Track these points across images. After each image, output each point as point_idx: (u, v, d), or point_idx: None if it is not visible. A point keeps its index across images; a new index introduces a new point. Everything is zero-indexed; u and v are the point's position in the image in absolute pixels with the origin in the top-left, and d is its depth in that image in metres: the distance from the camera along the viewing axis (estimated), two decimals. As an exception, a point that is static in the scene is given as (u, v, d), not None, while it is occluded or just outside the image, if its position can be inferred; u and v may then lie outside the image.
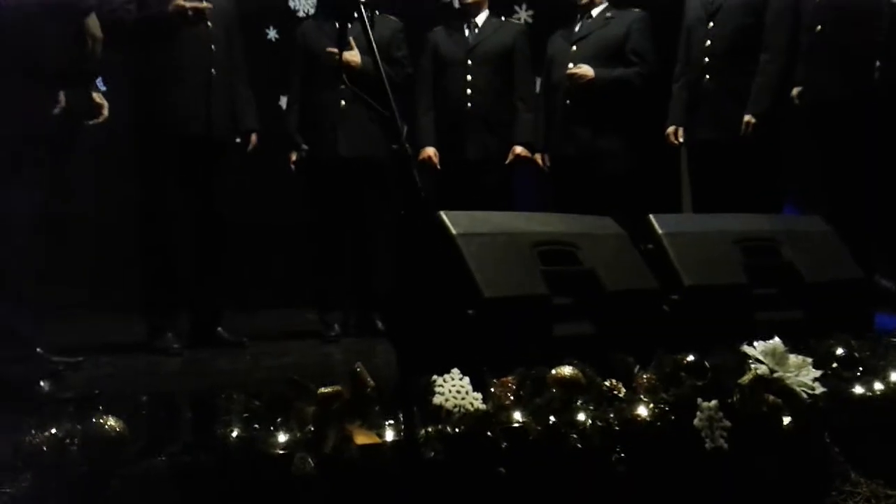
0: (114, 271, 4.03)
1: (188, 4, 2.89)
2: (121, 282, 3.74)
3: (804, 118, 3.23)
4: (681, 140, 3.55)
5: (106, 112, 2.72)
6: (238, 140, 3.31)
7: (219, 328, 3.21)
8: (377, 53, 1.51)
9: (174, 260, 3.09)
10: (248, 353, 3.11)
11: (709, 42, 3.39)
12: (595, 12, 3.72)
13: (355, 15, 1.62)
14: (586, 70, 3.56)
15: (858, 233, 2.96)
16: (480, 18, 3.77)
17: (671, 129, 3.56)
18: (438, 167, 3.70)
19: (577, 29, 3.73)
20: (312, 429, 1.50)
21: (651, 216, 2.37)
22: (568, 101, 3.65)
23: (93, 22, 2.25)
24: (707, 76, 3.39)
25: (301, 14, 4.95)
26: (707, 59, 3.39)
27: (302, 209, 3.70)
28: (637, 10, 3.73)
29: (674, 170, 4.21)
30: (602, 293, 2.12)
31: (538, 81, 3.99)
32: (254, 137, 3.32)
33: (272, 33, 4.90)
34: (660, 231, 2.33)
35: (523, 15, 5.42)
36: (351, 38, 3.17)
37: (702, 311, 2.22)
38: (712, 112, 3.39)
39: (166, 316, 3.05)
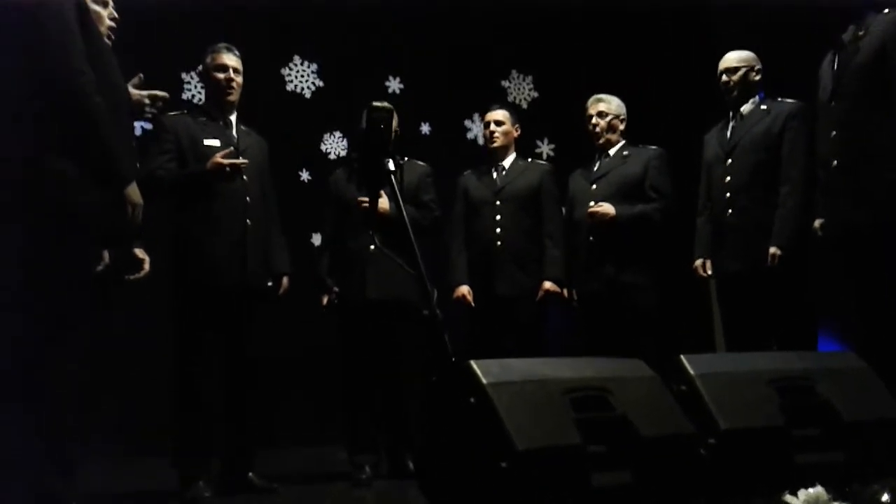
0: (146, 418, 4.06)
1: (226, 161, 3.03)
2: (153, 429, 3.75)
3: (830, 248, 3.24)
4: (709, 272, 3.58)
5: (147, 267, 2.82)
6: (270, 283, 3.39)
7: (250, 473, 3.18)
8: (407, 221, 1.58)
9: (207, 408, 3.11)
10: (280, 499, 3.07)
11: (728, 178, 3.47)
12: (612, 151, 3.84)
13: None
14: (607, 208, 3.64)
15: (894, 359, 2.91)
16: (507, 161, 3.91)
17: (699, 261, 3.59)
18: (472, 305, 3.75)
19: (595, 167, 3.84)
20: None
21: (682, 357, 2.36)
22: (591, 238, 3.72)
23: (133, 190, 2.37)
24: (730, 210, 3.45)
25: (332, 157, 5.16)
26: (728, 195, 3.46)
27: (334, 348, 3.74)
28: (654, 147, 3.84)
29: (705, 303, 4.23)
30: (637, 439, 2.08)
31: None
32: (285, 281, 3.41)
33: (305, 175, 5.10)
34: (692, 372, 2.31)
35: (545, 148, 5.62)
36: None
37: (740, 456, 2.17)
38: (737, 245, 3.43)
39: (198, 465, 3.04)
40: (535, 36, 5.47)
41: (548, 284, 3.75)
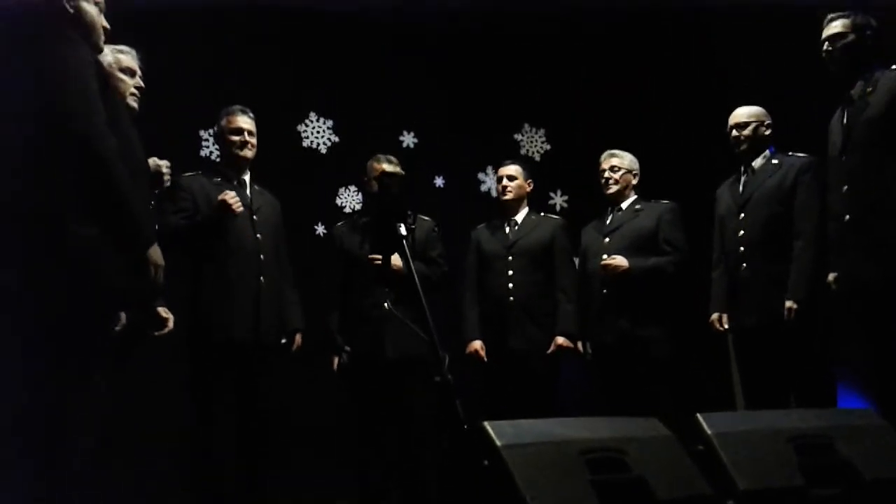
0: (163, 474, 4.05)
1: (231, 200, 3.08)
2: (169, 484, 3.74)
3: (843, 302, 3.23)
4: (725, 326, 3.56)
5: (171, 324, 2.86)
6: (284, 340, 3.41)
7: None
8: (419, 287, 1.59)
9: (223, 466, 3.12)
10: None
11: (742, 232, 3.48)
12: (625, 205, 3.87)
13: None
14: (620, 261, 3.65)
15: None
16: (520, 216, 3.94)
17: (715, 316, 3.58)
18: (485, 360, 3.74)
19: (608, 221, 3.86)
20: None
21: (699, 415, 2.34)
22: (605, 291, 3.72)
23: (155, 251, 2.41)
24: (744, 264, 3.45)
25: (348, 210, 5.21)
26: (742, 248, 3.46)
27: (347, 403, 3.72)
28: (666, 201, 3.85)
29: (724, 357, 4.21)
30: (654, 501, 2.06)
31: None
32: (298, 337, 3.42)
33: (320, 228, 5.13)
34: (709, 431, 2.28)
35: (558, 200, 5.64)
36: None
37: (759, 517, 2.14)
38: (753, 299, 3.42)
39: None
40: (548, 89, 5.54)
41: (560, 340, 3.76)
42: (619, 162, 3.89)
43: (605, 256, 3.73)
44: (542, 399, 3.65)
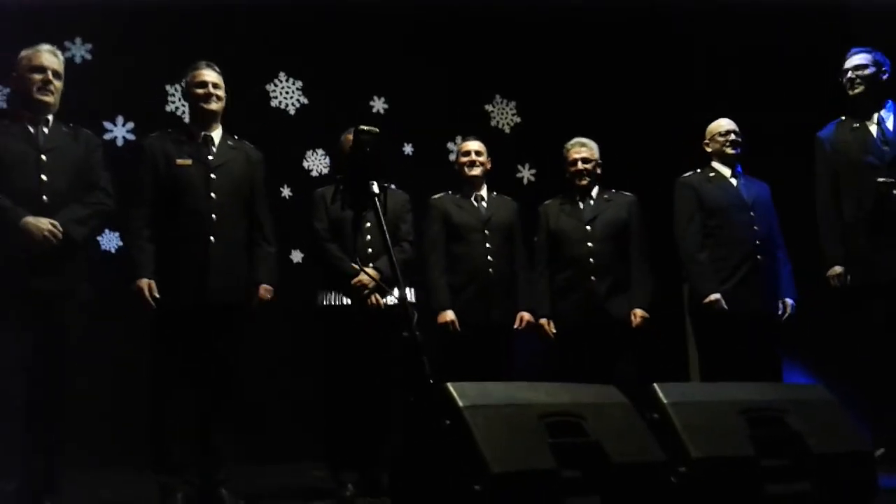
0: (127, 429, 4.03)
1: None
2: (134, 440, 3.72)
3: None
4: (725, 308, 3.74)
5: None
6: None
7: (222, 490, 3.16)
8: (390, 245, 1.60)
9: (182, 420, 3.12)
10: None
11: (756, 227, 3.82)
12: (594, 193, 3.96)
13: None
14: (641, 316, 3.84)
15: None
16: (483, 192, 3.97)
17: (716, 296, 3.74)
18: (459, 330, 3.75)
19: (581, 206, 3.95)
20: None
21: (655, 385, 2.39)
22: (593, 278, 3.83)
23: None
24: (759, 256, 3.79)
25: (315, 174, 5.17)
26: (758, 242, 3.81)
27: (313, 361, 3.71)
28: (628, 193, 4.04)
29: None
30: (609, 466, 2.11)
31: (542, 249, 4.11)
32: (262, 290, 3.31)
33: (286, 191, 5.08)
34: (665, 400, 2.34)
35: (526, 173, 5.67)
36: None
37: (710, 485, 2.20)
38: (761, 286, 3.79)
39: (174, 474, 3.07)
40: (521, 62, 5.54)
41: (527, 315, 3.85)
42: (590, 153, 3.96)
43: (589, 244, 3.86)
44: (510, 369, 3.75)
